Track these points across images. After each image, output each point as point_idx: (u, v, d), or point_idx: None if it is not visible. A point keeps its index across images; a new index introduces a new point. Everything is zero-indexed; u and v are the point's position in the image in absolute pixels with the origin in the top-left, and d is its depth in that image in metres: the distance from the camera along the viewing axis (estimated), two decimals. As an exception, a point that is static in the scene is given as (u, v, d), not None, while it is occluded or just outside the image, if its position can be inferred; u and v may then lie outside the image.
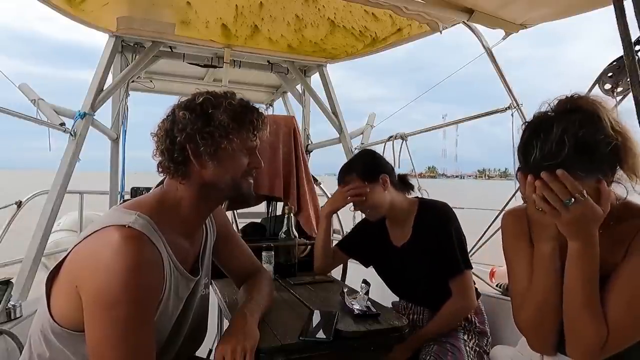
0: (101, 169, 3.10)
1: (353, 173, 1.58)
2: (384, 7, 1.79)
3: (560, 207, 0.85)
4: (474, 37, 2.14)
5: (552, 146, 0.86)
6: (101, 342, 0.81)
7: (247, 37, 2.77)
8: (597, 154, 0.87)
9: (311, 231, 2.30)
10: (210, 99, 1.00)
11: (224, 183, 1.03)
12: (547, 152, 0.87)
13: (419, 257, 1.49)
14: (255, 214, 2.86)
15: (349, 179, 1.59)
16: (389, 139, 2.89)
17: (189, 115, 0.97)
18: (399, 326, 1.18)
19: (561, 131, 0.87)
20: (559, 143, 0.86)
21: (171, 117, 1.00)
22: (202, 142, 0.97)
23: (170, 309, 0.98)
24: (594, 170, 0.87)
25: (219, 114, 0.99)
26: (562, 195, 0.84)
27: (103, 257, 0.83)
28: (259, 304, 1.18)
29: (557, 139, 0.86)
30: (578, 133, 0.86)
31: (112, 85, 2.59)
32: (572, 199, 0.84)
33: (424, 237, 1.50)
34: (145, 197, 1.04)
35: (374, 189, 1.55)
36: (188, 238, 1.08)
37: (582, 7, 1.64)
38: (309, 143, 3.62)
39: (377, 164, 1.62)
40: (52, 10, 2.16)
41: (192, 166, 0.99)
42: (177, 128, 0.97)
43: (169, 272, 0.95)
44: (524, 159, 0.92)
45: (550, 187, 0.85)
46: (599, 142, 0.87)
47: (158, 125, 1.02)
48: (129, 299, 0.81)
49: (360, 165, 1.61)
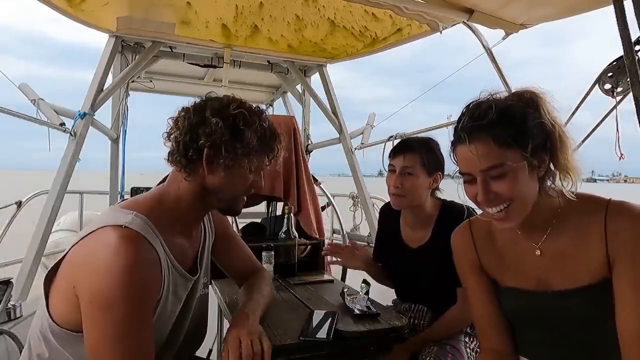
0: (101, 169, 3.10)
1: (417, 154, 1.48)
2: (384, 7, 1.79)
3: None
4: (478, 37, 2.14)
5: (480, 111, 0.90)
6: (100, 343, 0.81)
7: (247, 37, 2.77)
8: (525, 130, 0.87)
9: (311, 231, 2.30)
10: (244, 114, 1.00)
11: (224, 195, 1.04)
12: (476, 115, 0.90)
13: (434, 261, 1.45)
14: (255, 214, 2.86)
15: (410, 157, 1.48)
16: (389, 139, 2.89)
17: (221, 124, 0.96)
18: (399, 326, 1.18)
19: (493, 101, 0.91)
20: (487, 108, 0.89)
21: (200, 114, 0.98)
22: (225, 154, 0.97)
23: (169, 309, 0.98)
24: (519, 141, 0.86)
25: (250, 133, 0.99)
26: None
27: (100, 257, 0.83)
28: (259, 303, 1.18)
29: (487, 105, 0.90)
30: (509, 105, 0.90)
31: (112, 85, 2.60)
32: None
33: (442, 241, 1.39)
34: (143, 196, 1.04)
35: (424, 180, 1.48)
36: (186, 237, 1.08)
37: (582, 7, 1.64)
38: (309, 143, 3.62)
39: (441, 161, 1.52)
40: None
41: (201, 168, 0.99)
42: (203, 130, 0.96)
43: (166, 271, 0.95)
44: (455, 127, 0.95)
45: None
46: (527, 116, 0.88)
47: (181, 114, 1.00)
48: (127, 299, 0.81)
49: (426, 152, 1.50)
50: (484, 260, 1.07)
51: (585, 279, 0.89)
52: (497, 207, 0.90)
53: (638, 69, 0.88)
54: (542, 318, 0.97)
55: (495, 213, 0.91)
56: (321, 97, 3.25)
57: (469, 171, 0.91)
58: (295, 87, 3.61)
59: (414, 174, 1.46)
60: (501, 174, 0.87)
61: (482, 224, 1.09)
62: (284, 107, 4.15)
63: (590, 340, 0.92)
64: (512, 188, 0.87)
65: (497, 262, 1.04)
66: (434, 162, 1.50)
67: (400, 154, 1.50)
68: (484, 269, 1.07)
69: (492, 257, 1.05)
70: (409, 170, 1.47)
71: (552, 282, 0.94)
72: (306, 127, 3.63)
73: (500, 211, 0.90)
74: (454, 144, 0.94)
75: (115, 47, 2.56)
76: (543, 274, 0.96)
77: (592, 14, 1.65)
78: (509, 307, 1.03)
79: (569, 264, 0.92)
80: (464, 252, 1.11)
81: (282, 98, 4.12)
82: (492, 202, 0.90)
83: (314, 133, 3.69)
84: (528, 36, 2.29)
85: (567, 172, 0.90)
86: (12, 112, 1.88)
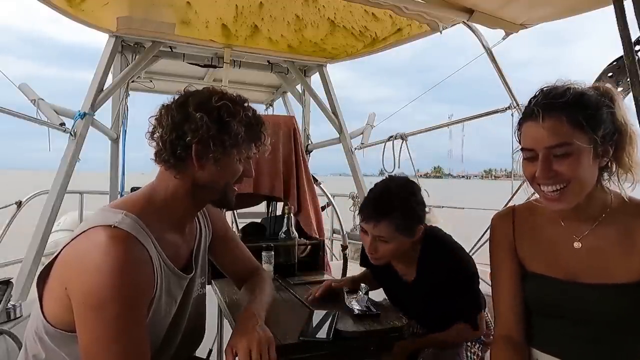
0: (101, 169, 3.10)
1: (391, 222, 1.25)
2: (384, 7, 1.79)
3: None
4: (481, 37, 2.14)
5: (557, 92, 0.90)
6: (93, 343, 0.81)
7: (247, 37, 2.77)
8: (597, 116, 0.87)
9: (311, 231, 2.30)
10: (228, 106, 0.99)
11: (216, 188, 1.03)
12: (551, 95, 0.90)
13: (428, 296, 1.36)
14: (255, 214, 2.86)
15: (384, 226, 1.25)
16: (389, 139, 2.90)
17: (206, 118, 0.95)
18: (399, 326, 1.18)
19: (570, 87, 0.91)
20: (564, 90, 0.89)
21: (183, 111, 0.97)
22: (213, 147, 0.96)
23: (164, 308, 0.98)
24: (591, 125, 0.86)
25: (235, 124, 0.98)
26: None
27: (90, 258, 0.83)
28: (264, 303, 1.18)
29: (564, 88, 0.90)
30: (585, 90, 0.90)
31: (112, 85, 2.60)
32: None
33: (428, 280, 1.34)
34: (134, 195, 1.03)
35: (404, 241, 1.28)
36: (179, 234, 1.07)
37: (582, 7, 1.64)
38: (309, 143, 3.62)
39: (420, 214, 1.31)
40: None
41: (191, 165, 0.98)
42: (189, 126, 0.95)
43: (159, 270, 0.94)
44: (526, 105, 0.95)
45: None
46: (602, 104, 0.88)
47: (161, 112, 0.99)
48: (118, 299, 0.81)
49: (403, 216, 1.26)
50: (519, 245, 1.06)
51: (622, 277, 0.89)
52: (553, 186, 0.89)
53: (638, 69, 0.88)
54: (567, 309, 0.96)
55: (550, 192, 0.90)
56: (321, 97, 3.25)
57: (533, 147, 0.91)
58: (295, 87, 3.61)
59: (390, 241, 1.27)
60: (566, 153, 0.87)
61: (525, 210, 1.09)
62: (284, 107, 4.15)
63: (619, 339, 0.92)
64: (574, 169, 0.87)
65: (532, 249, 1.04)
66: (414, 221, 1.29)
67: (371, 221, 1.27)
68: (517, 254, 1.06)
69: (528, 242, 1.05)
70: (384, 238, 1.27)
71: (584, 275, 0.94)
72: (306, 127, 3.64)
73: (555, 191, 0.89)
74: (523, 119, 0.94)
75: (115, 47, 2.56)
76: (576, 267, 0.96)
77: (592, 14, 1.65)
78: (533, 293, 1.02)
79: (606, 260, 0.92)
80: (502, 234, 1.10)
81: (282, 98, 4.12)
82: (550, 179, 0.89)
83: (314, 133, 3.68)
84: (528, 36, 2.29)
85: (629, 170, 0.91)
86: (12, 112, 1.88)
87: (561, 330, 0.97)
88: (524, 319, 1.03)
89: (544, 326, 1.01)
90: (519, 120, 0.96)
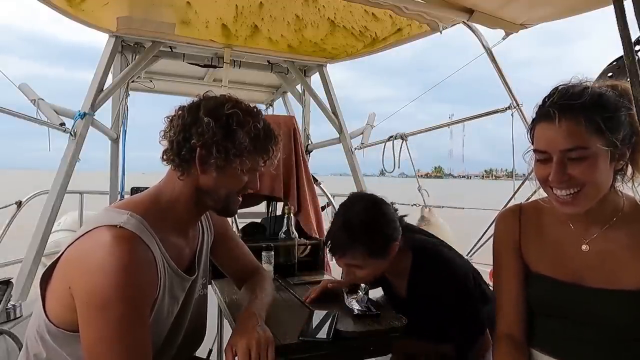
0: (101, 169, 3.11)
1: (357, 249, 1.23)
2: (384, 7, 1.79)
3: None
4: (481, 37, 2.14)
5: (574, 91, 0.86)
6: (96, 343, 0.81)
7: (247, 37, 2.77)
8: (616, 118, 0.84)
9: (311, 231, 2.30)
10: (238, 114, 0.99)
11: (217, 195, 1.03)
12: (568, 94, 0.86)
13: (422, 310, 1.31)
14: (255, 214, 2.86)
15: (351, 255, 1.25)
16: (389, 139, 2.90)
17: (213, 123, 0.96)
18: (399, 326, 1.18)
19: (588, 86, 0.87)
20: (582, 90, 0.86)
21: (194, 113, 0.98)
22: (216, 154, 0.96)
23: (166, 309, 0.98)
24: (609, 128, 0.83)
25: (242, 133, 0.98)
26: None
27: (95, 257, 0.83)
28: (264, 302, 1.18)
29: (581, 87, 0.86)
30: (604, 91, 0.87)
31: (112, 85, 2.60)
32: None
33: (420, 294, 1.32)
34: (139, 195, 1.04)
35: (380, 263, 1.27)
36: (182, 236, 1.07)
37: (582, 7, 1.64)
38: (309, 143, 3.62)
39: (392, 232, 1.27)
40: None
41: (194, 168, 0.99)
42: (196, 129, 0.96)
43: (162, 271, 0.94)
44: (540, 105, 0.90)
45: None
46: (621, 105, 0.85)
47: (177, 113, 1.00)
48: (122, 299, 0.81)
49: (369, 240, 1.24)
50: (524, 245, 1.04)
51: (630, 283, 0.87)
52: (567, 191, 0.86)
53: (638, 69, 0.88)
54: (571, 312, 0.94)
55: (563, 196, 0.87)
56: (321, 97, 3.25)
57: (547, 149, 0.87)
58: (295, 87, 3.61)
59: (364, 267, 1.26)
60: (581, 156, 0.83)
61: (532, 209, 1.07)
62: (284, 107, 4.15)
63: (621, 344, 0.90)
64: (589, 174, 0.84)
65: (537, 248, 1.02)
66: (383, 242, 1.25)
67: (336, 253, 1.26)
68: (522, 253, 1.05)
69: (534, 242, 1.03)
70: (357, 265, 1.26)
71: (590, 279, 0.92)
72: (306, 127, 3.63)
73: (568, 195, 0.86)
74: (537, 119, 0.90)
75: (115, 47, 2.56)
76: (582, 270, 0.93)
77: (592, 14, 1.65)
78: (537, 293, 1.00)
79: (614, 265, 0.90)
80: (507, 232, 1.08)
81: (282, 98, 4.12)
82: (564, 183, 0.86)
83: (314, 133, 3.71)
84: (528, 36, 2.28)
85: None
86: (12, 112, 1.89)
87: (562, 332, 0.97)
88: (526, 318, 1.02)
89: (545, 327, 1.00)
90: (532, 120, 0.92)
